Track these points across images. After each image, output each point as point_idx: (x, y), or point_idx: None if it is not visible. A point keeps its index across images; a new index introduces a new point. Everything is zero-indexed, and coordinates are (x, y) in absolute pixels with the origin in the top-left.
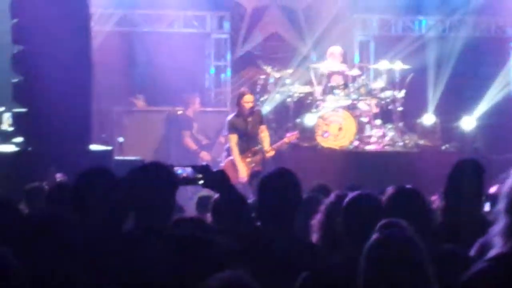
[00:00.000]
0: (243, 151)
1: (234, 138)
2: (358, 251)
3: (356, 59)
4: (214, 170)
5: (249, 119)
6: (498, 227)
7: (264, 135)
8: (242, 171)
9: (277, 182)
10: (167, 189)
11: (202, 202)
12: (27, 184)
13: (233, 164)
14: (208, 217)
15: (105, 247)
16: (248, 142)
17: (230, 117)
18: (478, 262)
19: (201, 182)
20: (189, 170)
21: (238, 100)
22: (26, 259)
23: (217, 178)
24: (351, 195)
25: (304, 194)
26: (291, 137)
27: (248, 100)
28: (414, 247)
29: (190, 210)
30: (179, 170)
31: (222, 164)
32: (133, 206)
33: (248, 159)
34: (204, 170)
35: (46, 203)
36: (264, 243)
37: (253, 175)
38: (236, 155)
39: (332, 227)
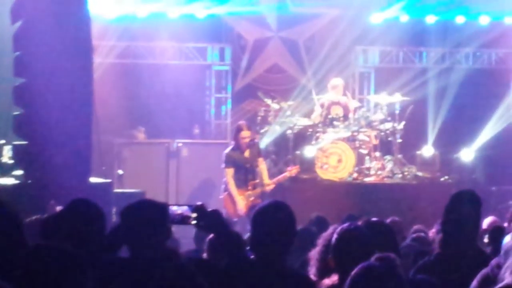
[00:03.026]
0: (242, 185)
1: (230, 172)
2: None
3: (357, 90)
4: (209, 210)
5: (247, 152)
6: (507, 262)
7: (262, 167)
8: (240, 203)
9: (271, 214)
10: (158, 226)
11: (200, 235)
12: (27, 217)
13: (231, 197)
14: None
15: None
16: (246, 175)
17: (227, 150)
18: None
19: (193, 222)
20: (185, 208)
21: (235, 134)
22: None
23: (211, 218)
24: (339, 230)
25: (303, 226)
26: (291, 171)
27: (245, 136)
28: (395, 280)
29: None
30: (174, 207)
31: (221, 197)
32: (126, 239)
33: (248, 192)
34: (198, 209)
35: (40, 236)
36: (258, 275)
37: (252, 208)
38: (233, 188)
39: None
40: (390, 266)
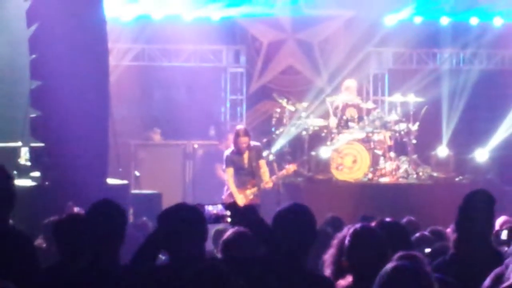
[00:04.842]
0: (241, 185)
1: (230, 172)
2: (361, 286)
3: (371, 92)
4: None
5: (245, 154)
6: None
7: (264, 170)
8: (239, 201)
9: (292, 217)
10: (197, 229)
11: (218, 236)
12: (45, 218)
13: (232, 197)
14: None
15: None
16: (246, 176)
17: (227, 152)
18: None
19: (229, 220)
20: (219, 207)
21: (234, 139)
22: None
23: (245, 214)
24: (352, 231)
25: (318, 227)
26: (289, 169)
27: (243, 141)
28: (426, 279)
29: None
30: (209, 207)
31: (223, 197)
32: (164, 244)
33: (248, 191)
34: (231, 207)
35: (54, 235)
36: (277, 276)
37: None
38: (232, 186)
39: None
40: (420, 265)
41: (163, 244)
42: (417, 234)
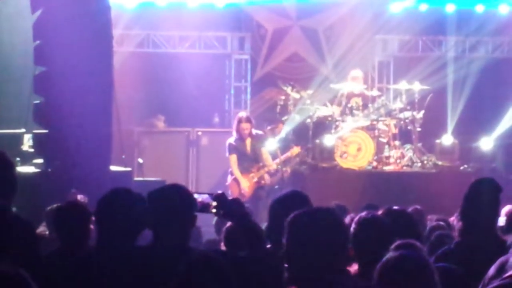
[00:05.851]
0: (245, 171)
1: (233, 158)
2: (367, 274)
3: (376, 79)
4: (230, 198)
5: (248, 141)
6: None
7: (266, 156)
8: (243, 184)
9: (289, 204)
10: (185, 210)
11: (220, 224)
12: (48, 205)
13: (236, 181)
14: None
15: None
16: (250, 162)
17: (230, 140)
18: (495, 280)
19: (213, 210)
20: (205, 196)
21: (236, 125)
22: None
23: (231, 207)
24: (357, 219)
25: None
26: (293, 150)
27: (245, 127)
28: (427, 267)
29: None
30: (195, 195)
31: (227, 183)
32: (151, 224)
33: (252, 174)
34: (219, 198)
35: (54, 222)
36: (275, 265)
37: (258, 189)
38: (236, 172)
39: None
40: (420, 254)
41: (148, 222)
42: (434, 223)
